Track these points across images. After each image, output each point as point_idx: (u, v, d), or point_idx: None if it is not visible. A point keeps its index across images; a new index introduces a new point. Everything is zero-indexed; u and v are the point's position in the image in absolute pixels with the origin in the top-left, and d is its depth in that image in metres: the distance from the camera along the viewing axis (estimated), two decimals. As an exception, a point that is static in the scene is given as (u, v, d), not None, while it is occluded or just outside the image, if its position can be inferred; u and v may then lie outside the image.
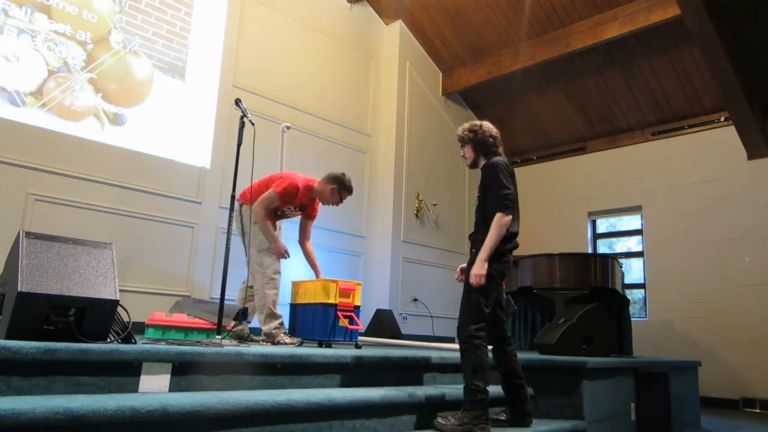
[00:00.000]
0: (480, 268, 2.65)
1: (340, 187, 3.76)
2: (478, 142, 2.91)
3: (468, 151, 2.95)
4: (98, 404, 1.71)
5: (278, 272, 3.71)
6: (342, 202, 3.84)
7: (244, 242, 3.70)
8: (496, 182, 2.76)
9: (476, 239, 2.81)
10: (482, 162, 2.92)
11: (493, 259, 2.70)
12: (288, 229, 4.62)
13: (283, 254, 3.75)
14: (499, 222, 2.69)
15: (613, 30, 5.88)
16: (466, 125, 2.97)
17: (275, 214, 3.84)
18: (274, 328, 3.57)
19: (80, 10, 4.68)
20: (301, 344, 3.47)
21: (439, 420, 2.64)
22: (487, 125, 2.93)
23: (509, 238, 2.79)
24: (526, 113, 7.66)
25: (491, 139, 2.90)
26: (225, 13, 5.66)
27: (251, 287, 3.76)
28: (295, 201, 3.81)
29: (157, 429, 1.81)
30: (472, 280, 2.67)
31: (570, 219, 7.51)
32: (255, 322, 3.85)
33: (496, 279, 2.74)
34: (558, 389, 3.20)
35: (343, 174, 3.81)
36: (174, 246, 4.97)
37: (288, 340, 3.51)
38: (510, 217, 2.72)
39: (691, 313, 6.19)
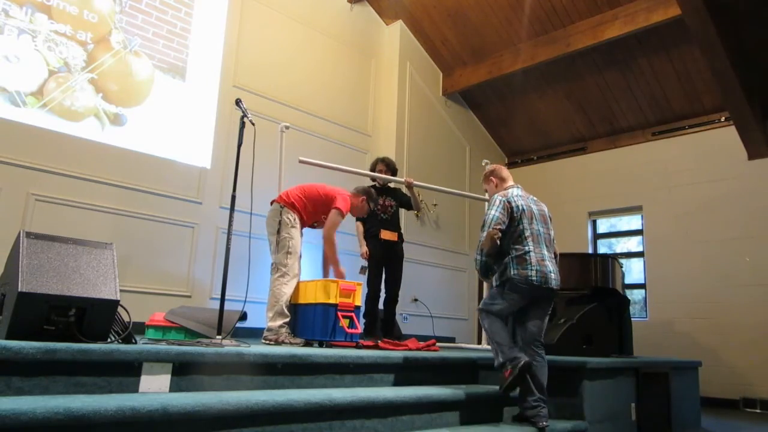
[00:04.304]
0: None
1: (368, 199, 4.26)
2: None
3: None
4: (98, 404, 1.71)
5: (297, 275, 3.84)
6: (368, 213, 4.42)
7: (275, 240, 3.84)
8: None
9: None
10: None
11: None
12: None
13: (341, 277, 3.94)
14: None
15: (613, 30, 5.89)
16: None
17: (312, 225, 4.12)
18: (279, 326, 3.60)
19: (80, 10, 4.68)
20: (303, 346, 3.48)
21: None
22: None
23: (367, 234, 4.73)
24: (526, 113, 7.66)
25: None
26: (225, 14, 5.66)
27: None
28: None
29: (158, 429, 1.81)
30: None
31: (570, 219, 7.50)
32: (255, 321, 3.85)
33: (372, 258, 4.70)
34: (558, 389, 3.20)
35: (371, 188, 4.46)
36: (174, 246, 4.98)
37: (291, 340, 3.53)
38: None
39: (691, 313, 6.18)
